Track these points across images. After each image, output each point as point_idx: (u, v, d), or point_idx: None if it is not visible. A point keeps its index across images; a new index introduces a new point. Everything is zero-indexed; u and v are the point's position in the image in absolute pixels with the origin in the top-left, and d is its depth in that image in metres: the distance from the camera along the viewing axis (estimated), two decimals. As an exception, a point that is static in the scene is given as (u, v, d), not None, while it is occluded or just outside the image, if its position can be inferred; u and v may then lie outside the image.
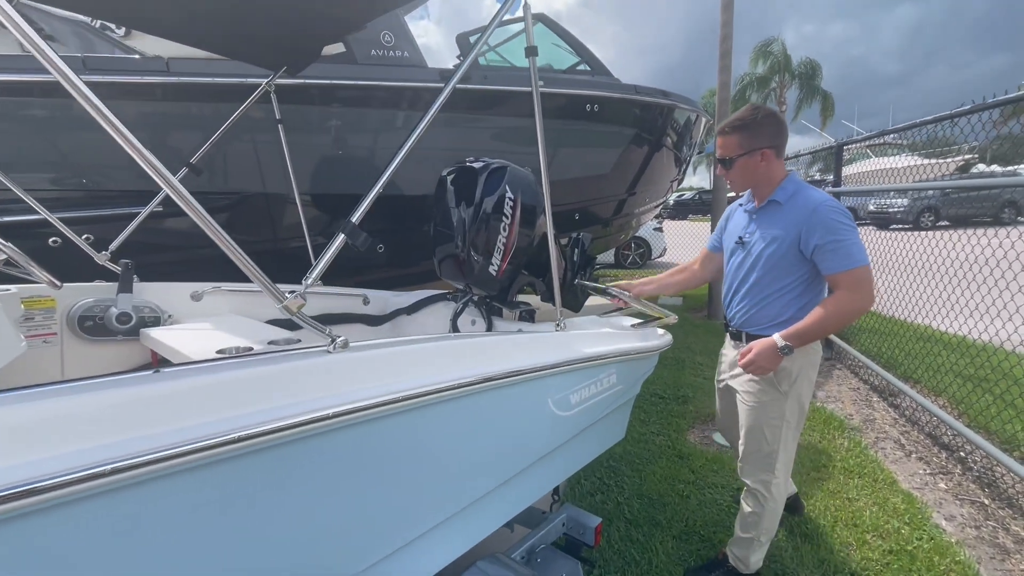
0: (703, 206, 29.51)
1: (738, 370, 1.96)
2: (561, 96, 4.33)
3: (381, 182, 1.29)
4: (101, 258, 2.15)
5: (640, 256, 11.67)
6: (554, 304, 2.88)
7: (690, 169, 7.23)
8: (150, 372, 0.94)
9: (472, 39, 4.27)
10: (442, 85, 1.52)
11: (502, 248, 2.35)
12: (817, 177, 10.58)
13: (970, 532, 2.44)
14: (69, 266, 2.11)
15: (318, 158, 3.52)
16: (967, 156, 6.90)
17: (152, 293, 2.23)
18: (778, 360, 1.79)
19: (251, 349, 1.69)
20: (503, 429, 1.52)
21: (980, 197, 9.74)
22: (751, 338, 1.91)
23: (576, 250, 2.81)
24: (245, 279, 1.05)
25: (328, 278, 3.04)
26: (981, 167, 7.64)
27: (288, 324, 2.51)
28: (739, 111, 1.92)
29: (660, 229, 11.86)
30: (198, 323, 2.14)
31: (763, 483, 1.98)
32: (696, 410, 3.68)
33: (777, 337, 1.77)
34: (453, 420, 1.32)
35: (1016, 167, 3.95)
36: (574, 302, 2.81)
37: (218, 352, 1.66)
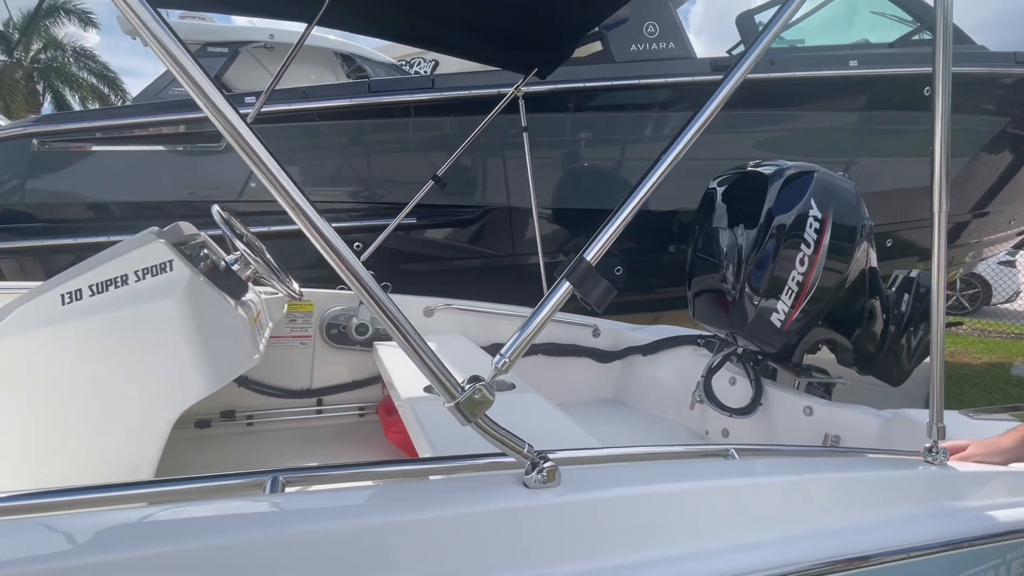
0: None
1: None
2: (881, 78, 3.19)
3: (632, 205, 0.84)
4: None
5: (970, 299, 8.52)
6: (867, 372, 1.99)
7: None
8: None
9: (758, 17, 3.47)
10: (717, 78, 1.17)
11: (796, 289, 1.65)
12: None
13: None
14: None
15: (570, 168, 3.28)
16: None
17: None
18: None
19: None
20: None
21: None
22: None
23: (907, 295, 1.93)
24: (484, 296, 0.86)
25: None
26: None
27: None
28: None
29: (1012, 263, 8.42)
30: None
31: None
32: None
33: None
34: None
35: None
36: (897, 371, 1.96)
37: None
